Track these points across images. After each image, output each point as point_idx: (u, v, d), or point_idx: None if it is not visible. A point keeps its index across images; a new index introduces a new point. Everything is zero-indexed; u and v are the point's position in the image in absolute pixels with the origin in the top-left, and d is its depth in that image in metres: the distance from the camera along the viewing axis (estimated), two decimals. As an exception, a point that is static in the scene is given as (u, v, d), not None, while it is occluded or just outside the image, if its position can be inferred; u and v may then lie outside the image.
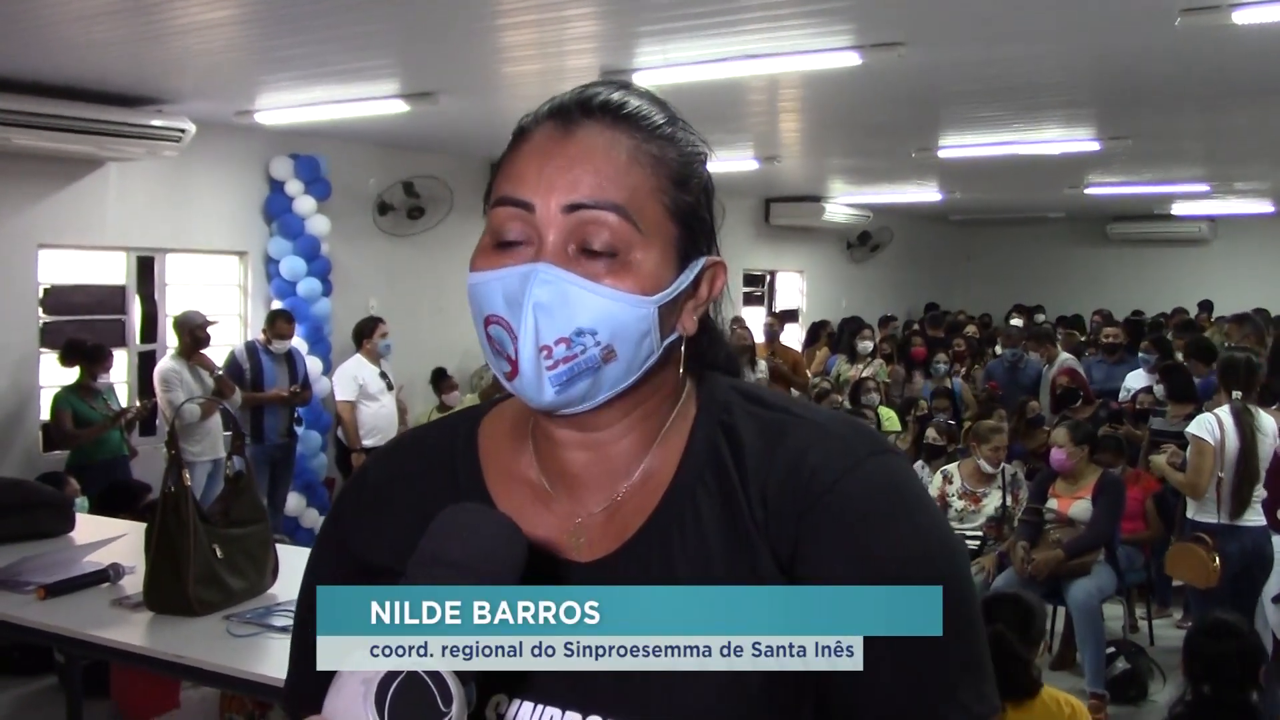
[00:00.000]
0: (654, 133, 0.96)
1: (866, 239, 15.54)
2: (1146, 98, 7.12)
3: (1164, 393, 7.07)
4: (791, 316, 14.33)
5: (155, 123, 6.86)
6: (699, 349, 1.04)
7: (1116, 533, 5.71)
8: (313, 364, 8.15)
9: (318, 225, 8.34)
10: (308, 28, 5.25)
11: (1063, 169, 10.74)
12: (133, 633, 2.81)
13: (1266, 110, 7.51)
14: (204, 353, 7.00)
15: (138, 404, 7.20)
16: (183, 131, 6.96)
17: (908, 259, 16.74)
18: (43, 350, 7.25)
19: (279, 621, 2.79)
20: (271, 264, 8.33)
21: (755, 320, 11.51)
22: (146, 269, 7.97)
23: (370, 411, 7.44)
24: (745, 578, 0.93)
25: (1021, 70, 6.26)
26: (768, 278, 14.78)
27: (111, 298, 7.85)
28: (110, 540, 3.41)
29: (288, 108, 7.24)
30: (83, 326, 7.43)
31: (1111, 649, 5.47)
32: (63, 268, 7.51)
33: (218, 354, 7.18)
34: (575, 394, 0.93)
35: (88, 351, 6.65)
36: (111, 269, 7.82)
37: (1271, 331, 9.40)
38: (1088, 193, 12.82)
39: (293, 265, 8.24)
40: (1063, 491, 5.64)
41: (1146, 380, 7.91)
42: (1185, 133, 8.78)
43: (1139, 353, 8.59)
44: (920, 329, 11.83)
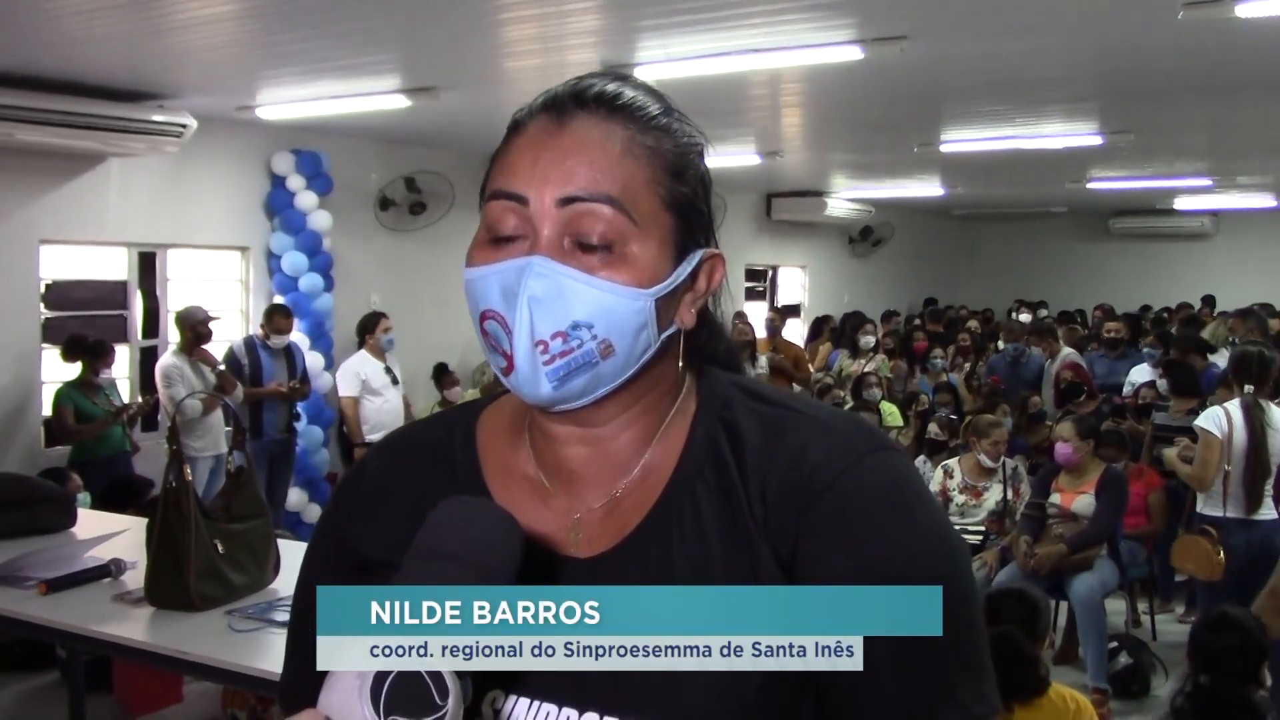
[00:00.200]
0: (649, 124, 0.95)
1: (869, 234, 15.53)
2: (1149, 91, 7.11)
3: (1167, 387, 7.06)
4: (794, 311, 14.33)
5: (157, 118, 6.85)
6: (698, 343, 1.03)
7: (1119, 527, 5.71)
8: (314, 359, 8.15)
9: (319, 220, 8.34)
10: (309, 23, 5.25)
11: (1065, 163, 10.73)
12: (134, 628, 2.81)
13: (1269, 104, 7.49)
14: (205, 348, 7.00)
15: (139, 399, 7.21)
16: (184, 127, 6.95)
17: (910, 254, 16.73)
18: (44, 346, 7.24)
19: (280, 616, 2.78)
20: (273, 259, 8.34)
21: (758, 315, 11.50)
22: (148, 264, 7.97)
23: (374, 407, 7.43)
24: (745, 575, 0.92)
25: (1024, 64, 6.24)
26: (770, 273, 14.78)
27: (113, 293, 7.85)
28: (112, 535, 3.41)
29: (289, 103, 7.23)
30: (84, 322, 7.42)
31: (1114, 644, 5.46)
32: (64, 263, 7.50)
33: (217, 349, 7.17)
34: (573, 389, 0.93)
35: (90, 347, 6.64)
36: (113, 264, 7.82)
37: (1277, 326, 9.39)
38: (1090, 187, 12.81)
39: (294, 260, 8.24)
40: (1066, 486, 5.63)
41: (1150, 375, 7.91)
42: (1188, 127, 8.76)
43: (1143, 347, 8.58)
44: (922, 324, 11.83)
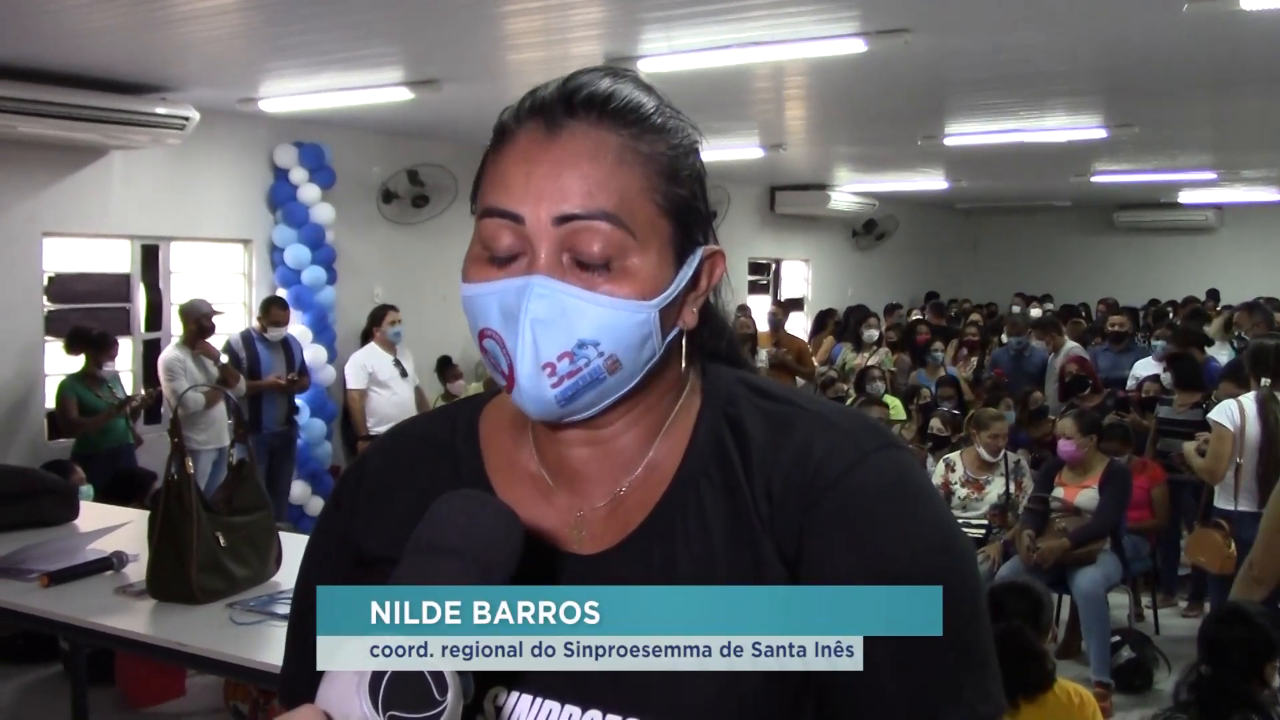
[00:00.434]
0: (642, 126, 0.93)
1: (872, 227, 15.51)
2: (1154, 85, 7.09)
3: (1171, 381, 7.05)
4: (797, 305, 14.32)
5: (159, 110, 6.85)
6: (700, 339, 1.02)
7: (1122, 521, 5.70)
8: (315, 352, 8.15)
9: (322, 213, 8.33)
10: (312, 15, 5.24)
11: (1069, 157, 10.70)
12: (136, 620, 2.81)
13: (1274, 97, 7.47)
14: (207, 341, 7.00)
15: (143, 392, 7.22)
16: (187, 119, 6.95)
17: (913, 247, 16.71)
18: (48, 338, 7.24)
19: (282, 610, 2.78)
20: (276, 252, 8.33)
21: (761, 309, 11.49)
22: (151, 257, 7.97)
23: (381, 399, 7.43)
24: (749, 572, 0.92)
25: (1028, 57, 6.23)
26: (773, 266, 14.76)
27: (116, 286, 7.84)
28: (114, 528, 3.41)
29: (292, 95, 7.22)
30: (87, 314, 7.42)
31: (1117, 638, 5.46)
32: (67, 256, 7.50)
33: (215, 343, 7.17)
34: (580, 405, 0.92)
35: (93, 339, 6.64)
36: (116, 257, 7.82)
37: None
38: (1094, 181, 12.78)
39: (297, 253, 8.24)
40: (1069, 480, 5.63)
41: (1154, 368, 7.89)
42: (1192, 120, 8.74)
43: (1151, 341, 8.58)
44: (923, 317, 11.83)
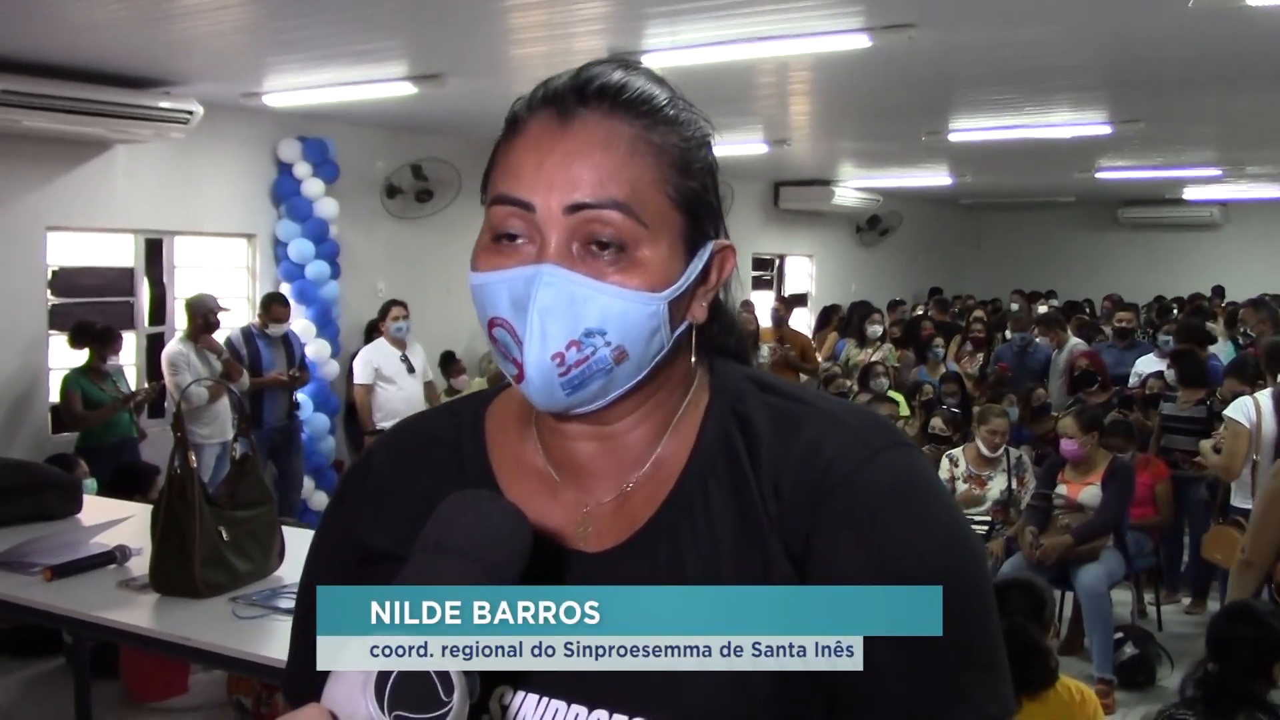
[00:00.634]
0: (655, 118, 0.92)
1: (876, 223, 15.50)
2: (1159, 80, 7.07)
3: (1175, 377, 7.04)
4: (800, 301, 14.30)
5: (163, 104, 6.84)
6: (709, 335, 1.01)
7: (1126, 518, 5.70)
8: (319, 347, 8.16)
9: (326, 208, 8.33)
10: (315, 9, 5.23)
11: (1074, 153, 10.69)
12: (139, 614, 2.81)
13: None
14: (211, 336, 7.00)
15: (146, 386, 7.22)
16: (190, 113, 6.94)
17: (918, 243, 16.70)
18: (51, 332, 7.25)
19: (285, 604, 2.79)
20: (280, 247, 8.33)
21: (765, 305, 11.48)
22: (155, 251, 7.97)
23: (387, 395, 7.45)
24: (756, 571, 0.91)
25: (1033, 52, 6.21)
26: (777, 262, 14.76)
27: (120, 280, 7.85)
28: (117, 522, 3.42)
29: (296, 90, 7.22)
30: (91, 308, 7.42)
31: (1120, 634, 5.45)
32: (71, 250, 7.50)
33: (219, 339, 7.17)
34: (586, 395, 0.92)
35: (97, 334, 6.65)
36: (120, 251, 7.82)
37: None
38: (1099, 177, 12.76)
39: (301, 248, 8.24)
40: (1072, 477, 5.62)
41: (1157, 365, 7.88)
42: (1197, 116, 8.72)
43: (1158, 337, 8.58)
44: (926, 313, 11.82)
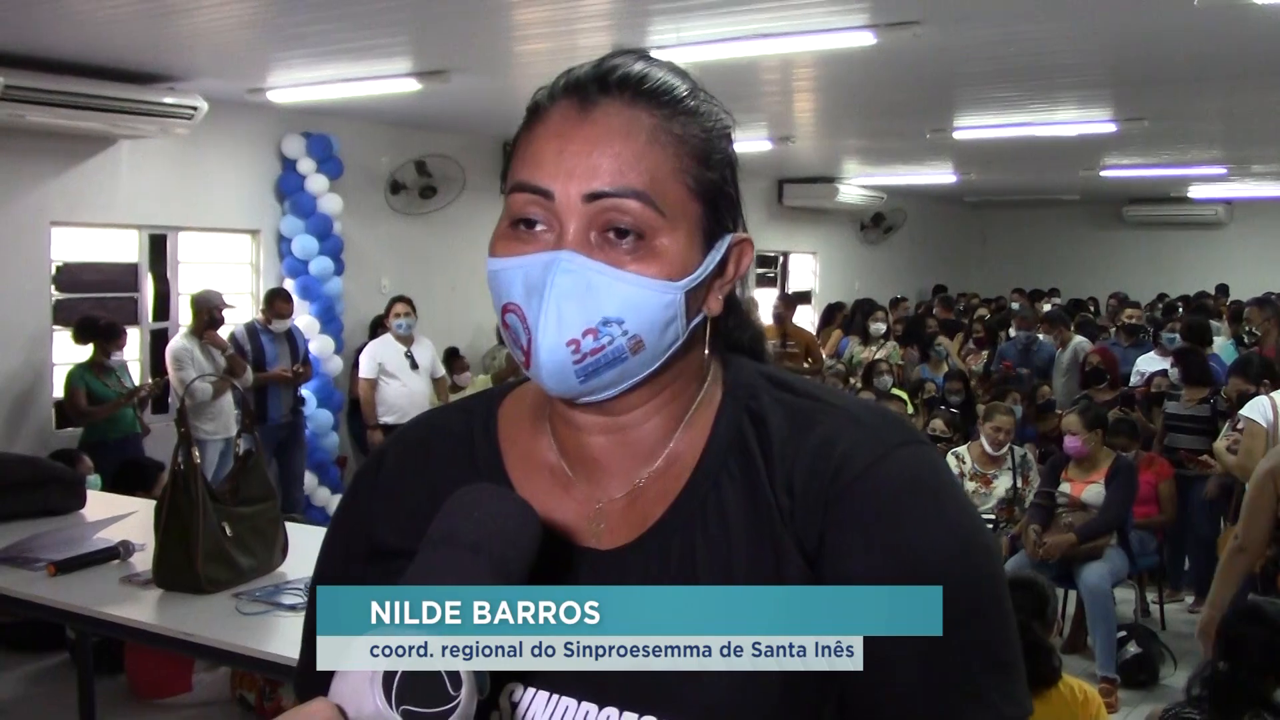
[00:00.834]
0: (675, 108, 0.92)
1: (880, 220, 15.48)
2: (1164, 78, 7.06)
3: (1179, 376, 7.03)
4: (804, 298, 14.28)
5: (167, 100, 6.84)
6: (724, 329, 1.01)
7: (1129, 517, 5.69)
8: (323, 343, 8.16)
9: (330, 204, 8.33)
10: (320, 5, 5.23)
11: (1078, 150, 10.67)
12: (142, 610, 2.82)
13: (1286, 92, 7.44)
14: (215, 332, 7.01)
15: (150, 382, 7.23)
16: (195, 109, 6.94)
17: (922, 241, 16.68)
18: (56, 328, 7.25)
19: (288, 600, 2.79)
20: (284, 242, 8.33)
21: (769, 302, 11.46)
22: (159, 247, 7.97)
23: (391, 390, 7.48)
24: (768, 568, 0.90)
25: (1038, 50, 6.20)
26: (780, 259, 14.74)
27: (124, 275, 7.84)
28: (121, 517, 3.42)
29: (300, 86, 7.22)
30: (95, 304, 7.43)
31: (1123, 633, 5.45)
32: (75, 245, 7.50)
33: (222, 334, 7.18)
34: (600, 383, 0.91)
35: (102, 329, 6.65)
36: (124, 247, 7.82)
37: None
38: (1103, 175, 12.74)
39: (305, 244, 8.24)
40: (1075, 475, 5.62)
41: (1159, 363, 7.87)
42: (1203, 114, 8.70)
43: (1163, 335, 8.59)
44: (929, 310, 11.82)
